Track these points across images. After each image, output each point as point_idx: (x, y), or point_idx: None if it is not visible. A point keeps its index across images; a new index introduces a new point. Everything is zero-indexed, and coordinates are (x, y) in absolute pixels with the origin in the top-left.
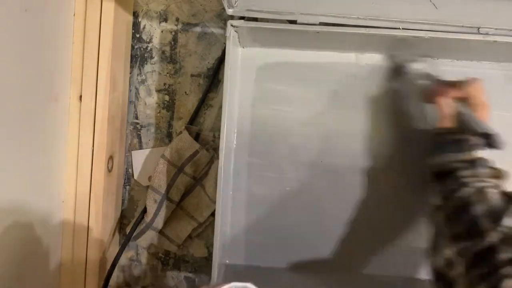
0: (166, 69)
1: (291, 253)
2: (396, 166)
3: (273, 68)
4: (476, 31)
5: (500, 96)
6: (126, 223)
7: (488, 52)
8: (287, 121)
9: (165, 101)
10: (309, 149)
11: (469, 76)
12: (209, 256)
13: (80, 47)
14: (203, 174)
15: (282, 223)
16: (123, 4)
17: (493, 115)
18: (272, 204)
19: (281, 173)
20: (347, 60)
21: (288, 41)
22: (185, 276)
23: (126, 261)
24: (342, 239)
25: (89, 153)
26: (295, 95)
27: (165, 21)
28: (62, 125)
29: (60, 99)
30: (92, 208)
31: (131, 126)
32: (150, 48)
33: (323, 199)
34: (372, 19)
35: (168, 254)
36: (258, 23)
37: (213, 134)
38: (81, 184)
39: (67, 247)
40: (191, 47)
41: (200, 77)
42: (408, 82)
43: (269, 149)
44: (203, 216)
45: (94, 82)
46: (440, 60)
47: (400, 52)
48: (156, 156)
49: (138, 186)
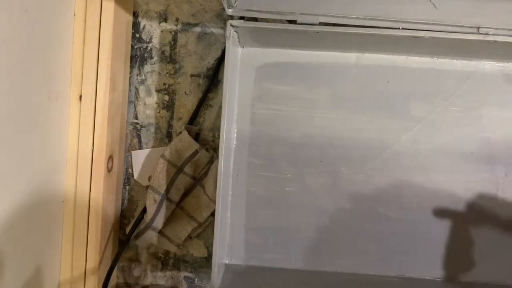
0: (166, 69)
1: (291, 253)
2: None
3: (273, 68)
4: (476, 31)
5: (500, 96)
6: (126, 223)
7: (488, 52)
8: (287, 121)
9: (165, 101)
10: (309, 149)
11: (469, 75)
12: (209, 256)
13: (80, 47)
14: (203, 174)
15: (282, 223)
16: (123, 4)
17: (493, 115)
18: (272, 204)
19: (281, 173)
20: (347, 60)
21: (288, 41)
22: (185, 276)
23: (126, 261)
24: (342, 239)
25: (89, 153)
26: (295, 95)
27: (165, 21)
28: (62, 125)
29: (60, 99)
30: (92, 208)
31: (131, 126)
32: (150, 48)
33: (323, 199)
34: (372, 19)
35: (168, 254)
36: (258, 23)
37: (213, 134)
38: (81, 184)
39: (67, 247)
40: (190, 47)
41: (199, 77)
42: None
43: (269, 149)
44: (203, 216)
45: (94, 82)
46: (440, 60)
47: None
48: (156, 156)
49: (138, 186)
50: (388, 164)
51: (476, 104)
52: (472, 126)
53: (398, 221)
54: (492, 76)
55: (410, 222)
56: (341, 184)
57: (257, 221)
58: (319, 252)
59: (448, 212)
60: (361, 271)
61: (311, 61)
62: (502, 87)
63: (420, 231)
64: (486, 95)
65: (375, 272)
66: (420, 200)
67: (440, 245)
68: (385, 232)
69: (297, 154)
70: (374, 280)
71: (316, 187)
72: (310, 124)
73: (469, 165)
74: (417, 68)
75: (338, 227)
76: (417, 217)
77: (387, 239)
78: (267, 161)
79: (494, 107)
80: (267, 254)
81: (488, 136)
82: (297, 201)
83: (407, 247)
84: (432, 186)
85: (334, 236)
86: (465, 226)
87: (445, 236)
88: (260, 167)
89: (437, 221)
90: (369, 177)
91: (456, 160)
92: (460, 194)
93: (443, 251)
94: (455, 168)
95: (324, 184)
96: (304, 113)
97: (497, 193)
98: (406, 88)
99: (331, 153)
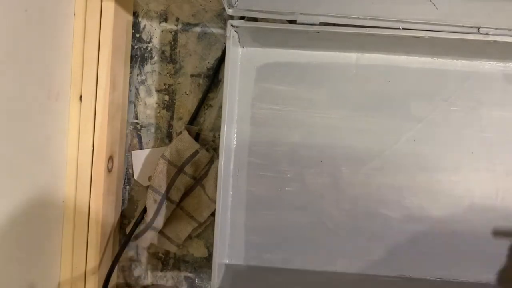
0: (166, 69)
1: (291, 253)
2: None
3: (273, 68)
4: (476, 31)
5: (500, 96)
6: (126, 223)
7: (488, 52)
8: (287, 121)
9: (165, 101)
10: (309, 148)
11: (469, 75)
12: (209, 256)
13: (80, 47)
14: (203, 174)
15: (282, 223)
16: (123, 4)
17: (493, 115)
18: (272, 204)
19: (281, 173)
20: (347, 60)
21: (288, 41)
22: (185, 276)
23: (126, 261)
24: (342, 239)
25: (89, 153)
26: (295, 95)
27: (165, 21)
28: (62, 125)
29: (60, 99)
30: (92, 208)
31: (131, 126)
32: (150, 48)
33: (323, 199)
34: (372, 19)
35: (168, 254)
36: (258, 23)
37: (213, 134)
38: (81, 184)
39: (67, 247)
40: (191, 47)
41: (200, 77)
42: None
43: (269, 149)
44: (203, 216)
45: (94, 82)
46: (440, 60)
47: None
48: (156, 156)
49: (138, 186)
50: (388, 164)
51: (476, 104)
52: (472, 126)
53: (398, 221)
54: (492, 76)
55: (410, 222)
56: (341, 184)
57: (257, 221)
58: (319, 252)
59: (448, 212)
60: (361, 271)
61: (311, 61)
62: (502, 87)
63: (420, 231)
64: (486, 95)
65: (375, 272)
66: (420, 200)
67: (440, 245)
68: (385, 232)
69: (297, 154)
70: (374, 280)
71: (316, 187)
72: (310, 124)
73: (469, 165)
74: (417, 68)
75: (338, 227)
76: (417, 217)
77: (387, 239)
78: (267, 161)
79: (494, 107)
80: (267, 254)
81: (488, 136)
82: (297, 201)
83: (407, 247)
84: (432, 186)
85: (334, 236)
86: (465, 226)
87: (445, 236)
88: (260, 167)
89: (437, 221)
90: (369, 177)
91: (456, 160)
92: (460, 194)
93: (443, 251)
94: (455, 168)
95: (324, 184)
96: (304, 113)
97: (497, 193)
98: (406, 88)
99: (331, 153)
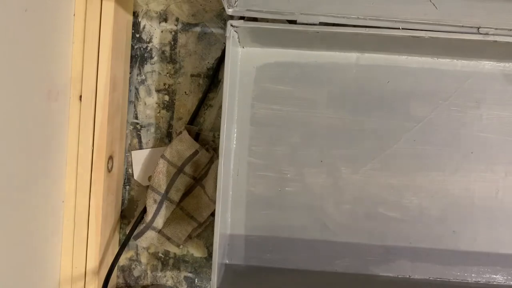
0: (166, 69)
1: (291, 253)
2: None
3: (273, 68)
4: (476, 31)
5: (500, 96)
6: (126, 223)
7: (488, 52)
8: (287, 121)
9: (165, 101)
10: (309, 149)
11: (469, 75)
12: (209, 256)
13: (80, 47)
14: (203, 174)
15: (282, 223)
16: (123, 4)
17: (493, 115)
18: (272, 204)
19: (281, 173)
20: (347, 60)
21: (288, 41)
22: (185, 276)
23: (126, 261)
24: (342, 239)
25: (89, 153)
26: (295, 95)
27: (165, 21)
28: (62, 125)
29: (60, 99)
30: (92, 208)
31: (131, 126)
32: (150, 48)
33: (323, 199)
34: (372, 19)
35: (168, 254)
36: (258, 23)
37: (213, 134)
38: (81, 184)
39: (67, 247)
40: (191, 47)
41: (200, 77)
42: None
43: (269, 149)
44: (203, 216)
45: (94, 82)
46: (440, 60)
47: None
48: (156, 156)
49: (138, 186)
50: (388, 164)
51: (476, 104)
52: (472, 126)
53: (398, 221)
54: (492, 76)
55: (409, 222)
56: (341, 184)
57: (257, 221)
58: (319, 252)
59: (448, 212)
60: (361, 271)
61: (311, 61)
62: (502, 87)
63: (420, 231)
64: (486, 95)
65: (375, 272)
66: (420, 200)
67: (440, 245)
68: (385, 232)
69: (297, 154)
70: (374, 280)
71: (316, 187)
72: (310, 124)
73: (469, 165)
74: (417, 68)
75: (338, 227)
76: (417, 217)
77: (387, 239)
78: (267, 161)
79: (494, 107)
80: (267, 254)
81: (488, 136)
82: (297, 201)
83: (407, 247)
84: (432, 186)
85: (334, 236)
86: (465, 226)
87: (445, 236)
88: (260, 167)
89: (437, 221)
90: (369, 177)
91: (456, 160)
92: (460, 194)
93: (443, 251)
94: (455, 168)
95: (324, 184)
96: (304, 113)
97: (497, 193)
98: (406, 88)
99: (331, 153)
